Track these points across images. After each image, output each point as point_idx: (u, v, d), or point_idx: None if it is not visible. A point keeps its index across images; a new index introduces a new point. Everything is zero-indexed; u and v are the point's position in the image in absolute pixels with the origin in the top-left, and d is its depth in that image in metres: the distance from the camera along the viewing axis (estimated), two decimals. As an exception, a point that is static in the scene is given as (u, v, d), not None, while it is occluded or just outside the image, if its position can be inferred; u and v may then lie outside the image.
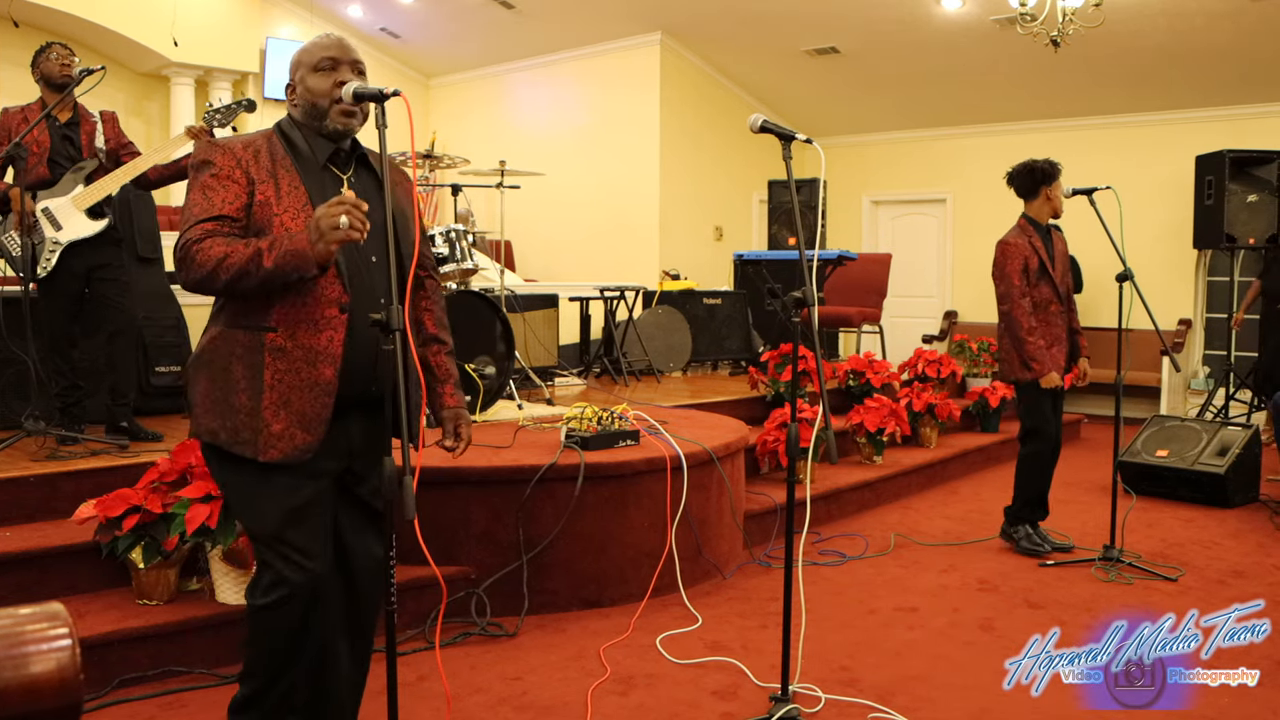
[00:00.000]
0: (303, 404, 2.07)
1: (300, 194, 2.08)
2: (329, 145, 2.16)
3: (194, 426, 2.13)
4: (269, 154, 2.10)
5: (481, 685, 2.96)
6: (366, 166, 2.23)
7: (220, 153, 2.08)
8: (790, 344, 3.25)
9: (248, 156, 2.08)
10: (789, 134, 2.57)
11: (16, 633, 0.84)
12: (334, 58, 2.13)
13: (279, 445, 2.06)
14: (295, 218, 2.05)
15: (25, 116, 3.97)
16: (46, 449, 3.74)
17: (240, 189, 2.06)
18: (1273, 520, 5.05)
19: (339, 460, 2.18)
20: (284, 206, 2.06)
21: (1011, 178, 4.35)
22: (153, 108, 9.42)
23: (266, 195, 2.06)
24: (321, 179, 2.14)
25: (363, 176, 2.21)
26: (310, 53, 2.15)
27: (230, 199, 2.04)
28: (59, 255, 3.92)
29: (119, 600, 3.10)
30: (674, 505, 3.76)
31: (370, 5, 9.56)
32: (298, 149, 2.14)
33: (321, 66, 2.13)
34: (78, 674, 0.84)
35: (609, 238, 9.61)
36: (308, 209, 2.06)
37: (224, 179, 2.05)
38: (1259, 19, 7.05)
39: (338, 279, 2.07)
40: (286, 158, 2.11)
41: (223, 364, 2.09)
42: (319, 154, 2.15)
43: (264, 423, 2.05)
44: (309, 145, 2.15)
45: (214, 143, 2.10)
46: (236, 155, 2.08)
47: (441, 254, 4.91)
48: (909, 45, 8.38)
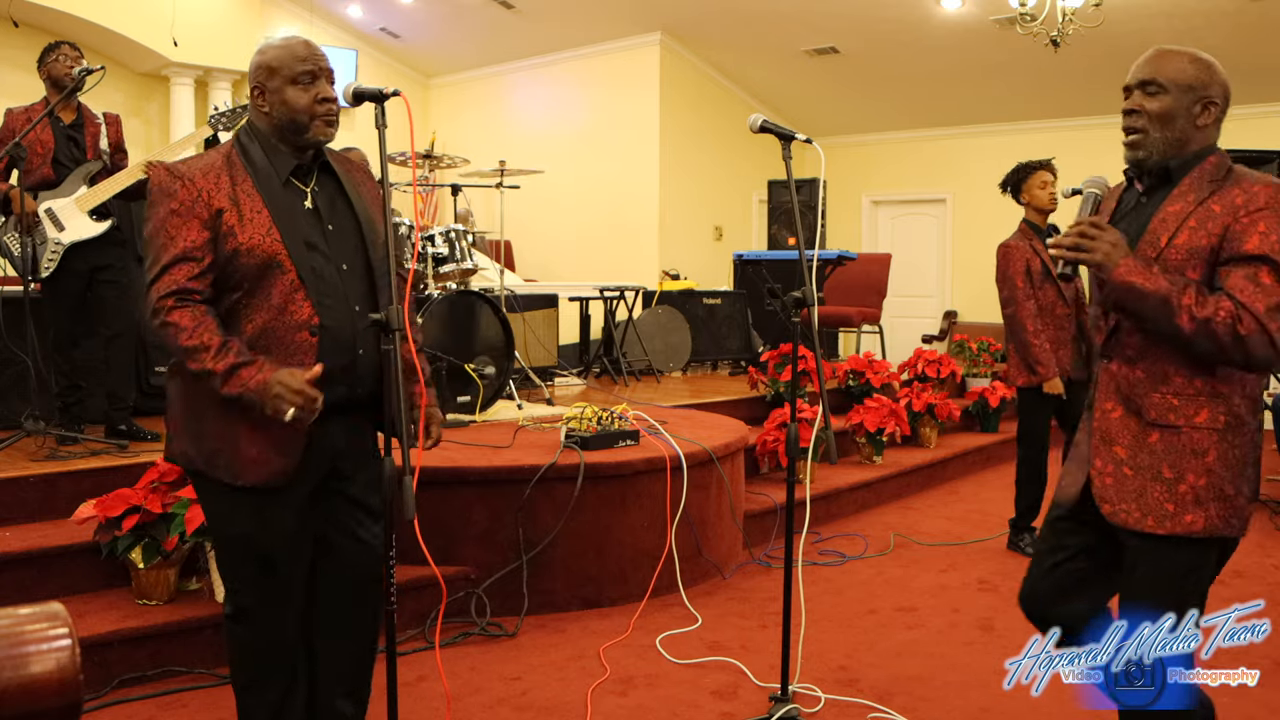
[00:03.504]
0: (277, 428, 2.02)
1: (264, 218, 2.03)
2: (291, 159, 2.10)
3: (169, 450, 2.14)
4: (229, 177, 2.04)
5: (481, 685, 2.96)
6: (328, 172, 2.18)
7: (181, 184, 2.00)
8: (790, 344, 3.26)
9: (208, 185, 2.01)
10: (789, 134, 2.57)
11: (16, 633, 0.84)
12: (313, 71, 2.07)
13: (256, 470, 2.04)
14: (260, 242, 2.01)
15: (29, 117, 3.97)
16: (46, 449, 3.73)
17: (202, 223, 1.99)
18: (1273, 520, 5.04)
19: (319, 470, 2.14)
20: (249, 234, 2.00)
21: (1001, 185, 4.37)
22: (152, 108, 9.41)
23: (230, 224, 2.00)
24: (284, 196, 2.08)
25: (326, 185, 2.16)
26: (284, 62, 2.06)
27: (193, 236, 1.98)
28: (62, 256, 3.91)
29: (119, 600, 3.10)
30: (674, 505, 3.76)
31: (370, 5, 9.56)
32: (257, 166, 2.07)
33: (301, 80, 2.06)
34: (77, 674, 0.84)
35: (609, 238, 9.61)
36: (272, 233, 2.02)
37: (185, 214, 1.99)
38: (1258, 19, 7.06)
39: (306, 300, 2.04)
40: (248, 179, 2.05)
41: (194, 387, 2.06)
42: (280, 169, 2.09)
43: (239, 448, 2.03)
44: (269, 161, 2.08)
45: (173, 171, 2.02)
46: (197, 186, 2.00)
47: (441, 254, 4.91)
48: (909, 45, 8.38)
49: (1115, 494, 1.94)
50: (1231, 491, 1.89)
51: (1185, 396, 1.88)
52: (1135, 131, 1.93)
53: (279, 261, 2.02)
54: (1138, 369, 1.93)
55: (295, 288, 2.03)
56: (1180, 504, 1.87)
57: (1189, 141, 1.92)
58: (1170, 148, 1.92)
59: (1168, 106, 1.90)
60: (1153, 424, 1.90)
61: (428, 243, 4.88)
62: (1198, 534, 1.88)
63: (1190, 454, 1.87)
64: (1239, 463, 1.90)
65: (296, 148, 2.11)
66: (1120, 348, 1.96)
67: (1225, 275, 1.83)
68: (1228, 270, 1.83)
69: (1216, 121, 1.94)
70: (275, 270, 2.02)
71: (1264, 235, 1.80)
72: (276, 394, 1.93)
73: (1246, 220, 1.82)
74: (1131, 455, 1.93)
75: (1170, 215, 1.90)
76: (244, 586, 2.16)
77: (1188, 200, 1.89)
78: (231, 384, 1.95)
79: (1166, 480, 1.89)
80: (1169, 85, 1.90)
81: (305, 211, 2.11)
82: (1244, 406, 1.90)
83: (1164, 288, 1.80)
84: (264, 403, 1.94)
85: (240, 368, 1.96)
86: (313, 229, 2.10)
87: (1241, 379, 1.89)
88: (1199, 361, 1.87)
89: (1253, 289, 1.78)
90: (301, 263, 2.04)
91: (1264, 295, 1.78)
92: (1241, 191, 1.85)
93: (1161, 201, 1.93)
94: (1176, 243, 1.87)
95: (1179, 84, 1.90)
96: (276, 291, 2.03)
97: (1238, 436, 1.89)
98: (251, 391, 1.95)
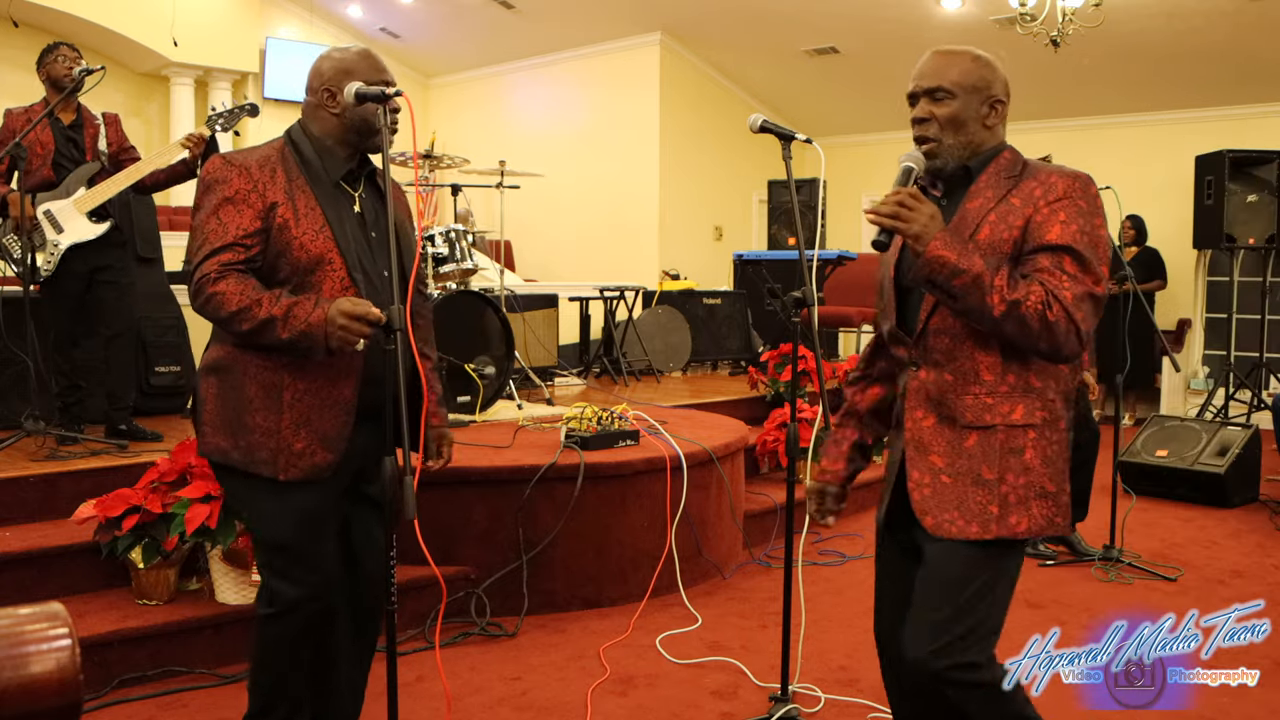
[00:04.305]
0: (323, 423, 2.06)
1: (317, 215, 2.05)
2: (344, 163, 2.13)
3: (203, 445, 2.11)
4: (284, 172, 2.06)
5: (481, 685, 2.96)
6: (372, 182, 2.22)
7: (236, 172, 2.02)
8: (790, 344, 3.26)
9: (264, 177, 2.03)
10: (789, 134, 2.57)
11: (16, 633, 0.84)
12: (387, 80, 2.10)
13: (300, 464, 2.05)
14: (314, 239, 2.03)
15: (29, 117, 3.96)
16: (46, 449, 3.73)
17: (256, 213, 2.01)
18: (1273, 520, 5.04)
19: (352, 468, 2.17)
20: (302, 229, 2.03)
21: None
22: (152, 108, 9.42)
23: (285, 218, 2.02)
24: (335, 198, 2.11)
25: (371, 193, 2.20)
26: (361, 69, 2.10)
27: (246, 224, 2.00)
28: (61, 257, 3.91)
29: (119, 600, 3.10)
30: (674, 505, 3.76)
31: (370, 5, 9.57)
32: (310, 165, 2.09)
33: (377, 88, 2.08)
34: (77, 674, 0.84)
35: (609, 237, 9.61)
36: (325, 231, 2.04)
37: (239, 202, 2.00)
38: (1258, 18, 7.05)
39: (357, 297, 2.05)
40: (301, 176, 2.07)
41: (234, 382, 2.07)
42: (332, 171, 2.11)
43: (285, 442, 2.04)
44: (321, 161, 2.11)
45: (229, 160, 2.03)
46: (253, 176, 2.02)
47: (441, 254, 4.91)
48: (909, 45, 8.35)
49: (935, 504, 1.86)
50: (1053, 489, 1.85)
51: (998, 394, 1.83)
52: (929, 141, 1.89)
53: (330, 259, 2.05)
54: (946, 372, 1.86)
55: (346, 285, 2.06)
56: (1004, 506, 1.82)
57: (982, 143, 1.90)
58: (964, 151, 1.89)
59: (957, 111, 1.87)
60: (969, 426, 1.84)
61: (428, 243, 4.88)
62: (1022, 535, 1.83)
63: (1008, 453, 1.82)
64: (1056, 458, 1.86)
65: (354, 151, 2.14)
66: (927, 353, 1.89)
67: (1030, 265, 1.80)
68: (1032, 260, 1.80)
69: (1003, 120, 1.92)
70: (326, 267, 2.04)
71: (1065, 225, 1.78)
72: (342, 325, 1.94)
73: (1047, 211, 1.80)
74: (949, 462, 1.86)
75: (970, 212, 1.86)
76: (284, 582, 2.12)
77: (986, 197, 1.86)
78: (292, 325, 1.95)
79: (987, 482, 1.82)
80: (955, 90, 1.87)
81: (354, 215, 2.14)
82: (1058, 402, 1.87)
83: (978, 265, 1.75)
84: (328, 336, 1.95)
85: (294, 307, 1.97)
86: (360, 233, 2.13)
87: (1055, 374, 1.85)
88: (1008, 356, 1.82)
89: (1058, 278, 1.76)
90: (352, 264, 2.07)
91: (1070, 285, 1.75)
92: (1039, 184, 1.83)
93: (960, 200, 1.90)
94: (978, 239, 1.82)
95: (965, 87, 1.87)
96: (327, 288, 2.04)
97: (1054, 433, 1.85)
98: (314, 327, 1.95)
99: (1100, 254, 1.80)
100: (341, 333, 1.95)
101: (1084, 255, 1.77)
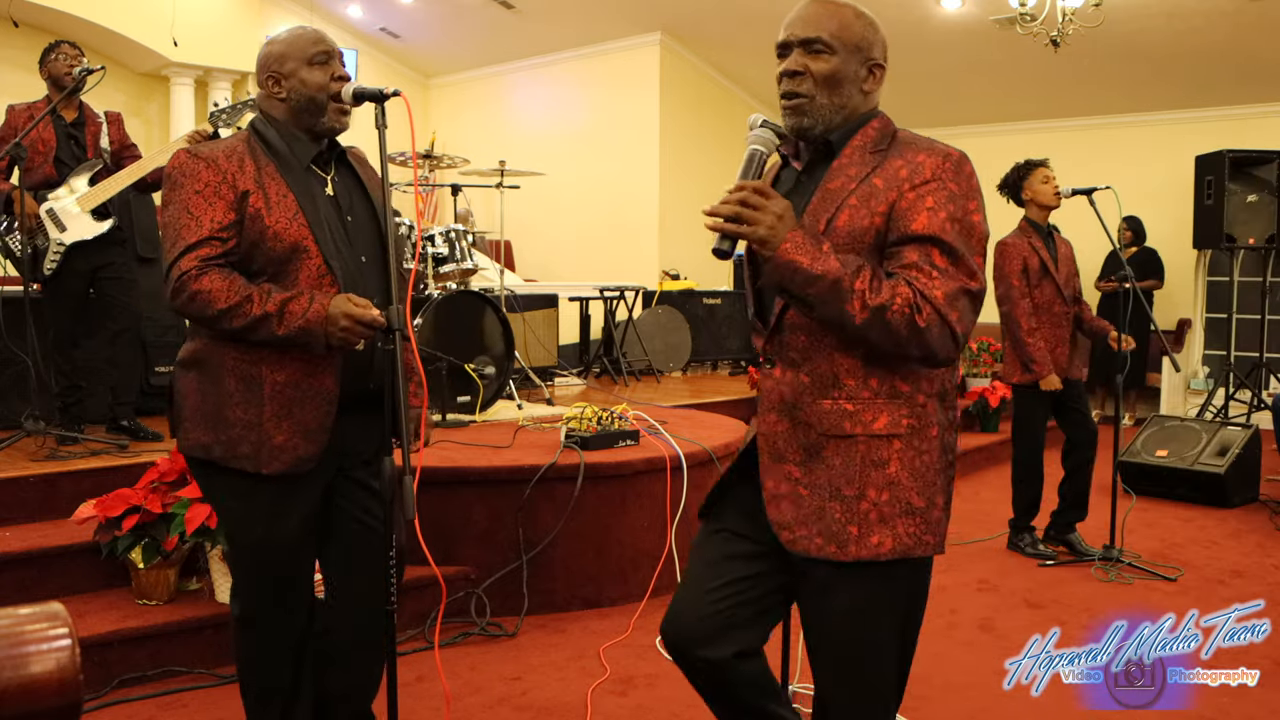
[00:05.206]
0: (305, 415, 2.03)
1: (289, 201, 2.01)
2: (311, 146, 2.10)
3: (183, 442, 2.08)
4: (253, 161, 2.02)
5: (481, 685, 2.96)
6: (345, 165, 2.19)
7: (204, 165, 1.97)
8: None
9: (232, 167, 1.99)
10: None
11: (16, 633, 0.84)
12: (327, 50, 2.07)
13: (282, 458, 2.03)
14: (287, 227, 2.00)
15: (31, 115, 3.97)
16: (46, 449, 3.73)
17: (228, 205, 1.97)
18: (1273, 520, 5.05)
19: (333, 462, 2.14)
20: (275, 217, 1.99)
21: (1000, 186, 4.36)
22: (152, 108, 9.41)
23: (257, 206, 1.98)
24: (307, 182, 2.07)
25: (344, 175, 2.17)
26: (298, 45, 2.07)
27: (219, 217, 1.96)
28: (63, 255, 3.91)
29: (119, 600, 3.10)
30: (674, 505, 3.76)
31: (370, 5, 9.56)
32: (278, 152, 2.06)
33: (316, 60, 2.06)
34: (77, 674, 0.84)
35: (609, 238, 9.60)
36: (299, 218, 2.01)
37: (210, 195, 1.96)
38: (1258, 18, 7.05)
39: (333, 287, 2.03)
40: (270, 163, 2.04)
41: (212, 375, 2.03)
42: (301, 155, 2.08)
43: (266, 435, 2.01)
44: (289, 147, 2.08)
45: (195, 154, 1.99)
46: (221, 167, 1.98)
47: (441, 254, 4.91)
48: (909, 45, 8.37)
49: (793, 518, 1.66)
50: (921, 504, 1.63)
51: (860, 400, 1.62)
52: (798, 96, 1.67)
53: (305, 247, 2.01)
54: (803, 373, 1.65)
55: (322, 274, 2.02)
56: (864, 524, 1.61)
57: (855, 109, 1.69)
58: (836, 115, 1.67)
59: (835, 69, 1.66)
60: (826, 435, 1.63)
61: (428, 243, 4.88)
62: (885, 556, 1.62)
63: (870, 465, 1.61)
64: (926, 470, 1.64)
65: (314, 135, 2.10)
66: (783, 349, 1.69)
67: (894, 258, 1.59)
68: (897, 253, 1.58)
69: (878, 86, 1.72)
70: (301, 255, 2.01)
71: (932, 212, 1.57)
72: (345, 327, 1.94)
73: (912, 195, 1.58)
74: (806, 473, 1.66)
75: (830, 193, 1.64)
76: (253, 583, 2.13)
77: (849, 175, 1.64)
78: (288, 321, 1.94)
79: (846, 498, 1.62)
80: (836, 45, 1.66)
81: (327, 199, 2.10)
82: (930, 405, 1.65)
83: (834, 269, 1.52)
84: (327, 334, 1.94)
85: (288, 302, 1.95)
86: (335, 218, 2.09)
87: (926, 374, 1.65)
88: (872, 359, 1.61)
89: (927, 275, 1.55)
90: (328, 250, 2.03)
91: (941, 282, 1.54)
92: (905, 163, 1.61)
93: (821, 178, 1.67)
94: (836, 225, 1.61)
95: (847, 43, 1.66)
96: (303, 278, 2.01)
97: (922, 441, 1.64)
98: (313, 324, 1.93)
99: (974, 244, 1.60)
100: (343, 334, 1.95)
101: (954, 247, 1.57)
